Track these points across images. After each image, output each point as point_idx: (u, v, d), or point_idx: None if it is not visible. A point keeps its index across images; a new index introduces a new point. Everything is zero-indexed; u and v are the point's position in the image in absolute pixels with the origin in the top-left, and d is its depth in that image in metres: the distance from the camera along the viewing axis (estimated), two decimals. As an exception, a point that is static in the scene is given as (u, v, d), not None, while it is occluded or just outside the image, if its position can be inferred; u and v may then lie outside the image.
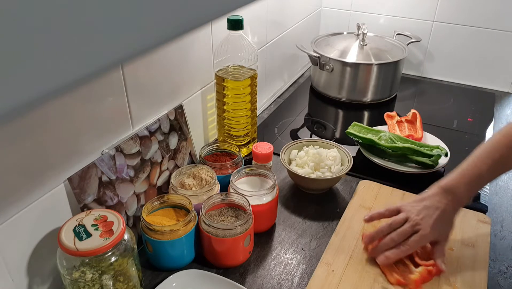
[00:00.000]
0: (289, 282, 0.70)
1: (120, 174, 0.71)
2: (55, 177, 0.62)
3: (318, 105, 1.33)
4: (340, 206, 0.88)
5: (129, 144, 0.73)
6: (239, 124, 0.95)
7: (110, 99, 0.69)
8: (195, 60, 0.89)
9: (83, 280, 0.57)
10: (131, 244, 0.62)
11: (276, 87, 1.36)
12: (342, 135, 1.14)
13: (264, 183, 0.82)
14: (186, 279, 0.68)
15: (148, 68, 0.76)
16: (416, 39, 1.39)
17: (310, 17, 1.48)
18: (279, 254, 0.76)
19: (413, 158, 0.95)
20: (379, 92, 1.29)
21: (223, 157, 0.90)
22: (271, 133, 1.14)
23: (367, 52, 1.28)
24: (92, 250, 0.56)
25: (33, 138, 0.57)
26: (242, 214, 0.74)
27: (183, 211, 0.74)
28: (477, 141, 1.11)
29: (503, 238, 0.80)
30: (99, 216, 0.61)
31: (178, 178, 0.80)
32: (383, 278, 0.70)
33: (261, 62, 1.18)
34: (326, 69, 1.28)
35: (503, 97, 1.37)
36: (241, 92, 0.91)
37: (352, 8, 1.52)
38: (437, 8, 1.39)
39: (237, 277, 0.71)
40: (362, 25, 1.31)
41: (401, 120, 1.13)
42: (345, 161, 0.91)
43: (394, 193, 0.89)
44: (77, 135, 0.64)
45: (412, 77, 1.51)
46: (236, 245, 0.70)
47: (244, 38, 0.88)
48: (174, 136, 0.84)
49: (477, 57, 1.40)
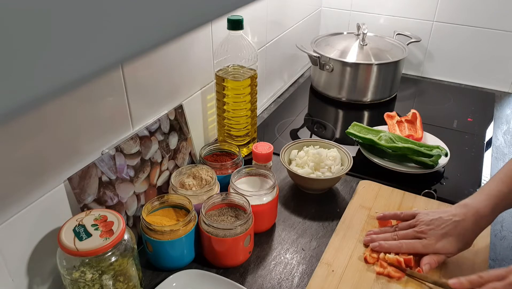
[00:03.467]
0: (289, 282, 0.70)
1: (120, 174, 0.71)
2: (55, 177, 0.62)
3: (318, 105, 1.33)
4: (340, 206, 0.88)
5: (129, 144, 0.73)
6: (239, 124, 0.95)
7: (110, 99, 0.69)
8: (195, 60, 0.89)
9: (83, 280, 0.57)
10: (131, 244, 0.62)
11: (276, 87, 1.36)
12: (342, 135, 1.14)
13: (264, 183, 0.82)
14: (186, 279, 0.68)
15: (148, 68, 0.76)
16: (416, 39, 1.39)
17: (310, 17, 1.48)
18: (279, 254, 0.76)
19: (413, 157, 0.95)
20: (379, 92, 1.29)
21: (223, 157, 0.90)
22: (271, 133, 1.14)
23: (367, 52, 1.28)
24: (92, 250, 0.56)
25: (33, 138, 0.57)
26: (242, 214, 0.74)
27: (183, 211, 0.74)
28: (477, 141, 1.11)
29: (503, 238, 0.80)
30: (99, 216, 0.61)
31: (178, 178, 0.80)
32: (383, 278, 0.70)
33: (261, 62, 1.18)
34: (326, 69, 1.28)
35: (503, 97, 1.37)
36: (241, 92, 0.91)
37: (352, 8, 1.52)
38: (437, 8, 1.39)
39: (237, 277, 0.71)
40: (362, 25, 1.31)
41: (401, 120, 1.13)
42: (345, 161, 0.91)
43: (394, 193, 0.89)
44: (77, 135, 0.64)
45: (412, 77, 1.51)
46: (236, 245, 0.70)
47: (244, 38, 0.88)
48: (174, 136, 0.84)
49: (477, 57, 1.40)
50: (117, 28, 0.20)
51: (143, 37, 0.22)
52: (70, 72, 0.19)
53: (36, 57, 0.17)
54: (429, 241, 0.70)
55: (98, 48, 0.19)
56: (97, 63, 0.20)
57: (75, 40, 0.18)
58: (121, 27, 0.20)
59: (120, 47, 0.21)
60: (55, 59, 0.18)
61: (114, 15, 0.20)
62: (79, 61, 0.19)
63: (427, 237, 0.70)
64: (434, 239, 0.70)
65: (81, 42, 0.19)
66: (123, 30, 0.20)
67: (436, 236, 0.70)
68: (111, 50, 0.20)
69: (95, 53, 0.19)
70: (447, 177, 0.96)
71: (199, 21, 0.26)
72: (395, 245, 0.72)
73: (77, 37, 0.18)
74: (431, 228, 0.71)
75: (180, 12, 0.24)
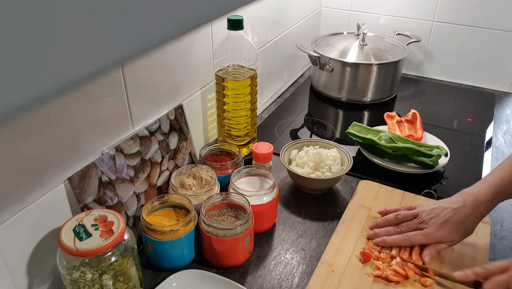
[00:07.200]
0: (289, 282, 0.70)
1: (120, 174, 0.71)
2: (55, 177, 0.62)
3: (318, 105, 1.33)
4: (340, 206, 0.88)
5: (129, 144, 0.73)
6: (239, 124, 0.95)
7: (110, 99, 0.69)
8: (195, 60, 0.89)
9: (83, 280, 0.57)
10: (131, 244, 0.62)
11: (276, 87, 1.36)
12: (342, 135, 1.14)
13: (264, 183, 0.82)
14: (186, 279, 0.68)
15: (148, 68, 0.76)
16: (416, 39, 1.39)
17: (310, 17, 1.48)
18: (279, 254, 0.76)
19: (413, 157, 0.95)
20: (379, 92, 1.29)
21: (223, 157, 0.90)
22: (271, 133, 1.14)
23: (367, 52, 1.28)
24: (92, 250, 0.56)
25: (33, 138, 0.57)
26: (242, 214, 0.74)
27: (183, 211, 0.74)
28: (477, 141, 1.11)
29: (503, 238, 0.80)
30: (99, 216, 0.61)
31: (178, 178, 0.80)
32: (383, 279, 0.70)
33: (261, 62, 1.18)
34: (326, 69, 1.28)
35: (503, 97, 1.37)
36: (241, 92, 0.91)
37: (352, 8, 1.52)
38: (437, 8, 1.39)
39: (237, 277, 0.71)
40: (362, 25, 1.31)
41: (401, 120, 1.13)
42: (345, 161, 0.91)
43: (394, 193, 0.89)
44: (77, 135, 0.64)
45: (412, 77, 1.51)
46: (236, 245, 0.70)
47: (244, 38, 0.88)
48: (174, 136, 0.84)
49: (477, 57, 1.40)
50: (117, 28, 0.20)
51: (143, 37, 0.22)
52: (70, 72, 0.19)
53: (36, 57, 0.17)
54: (430, 230, 0.70)
55: (98, 48, 0.19)
56: (97, 63, 0.20)
57: (75, 40, 0.18)
58: (121, 27, 0.20)
59: (120, 47, 0.21)
60: (55, 59, 0.18)
61: (114, 15, 0.20)
62: (79, 61, 0.19)
63: (428, 226, 0.71)
64: (435, 227, 0.70)
65: (81, 42, 0.19)
66: (123, 30, 0.20)
67: (437, 224, 0.70)
68: (111, 50, 0.20)
69: (95, 53, 0.19)
70: (447, 177, 0.97)
71: (199, 21, 0.26)
72: (398, 239, 0.73)
73: (77, 37, 0.18)
74: (431, 217, 0.71)
75: (180, 12, 0.24)
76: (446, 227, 0.70)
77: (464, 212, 0.69)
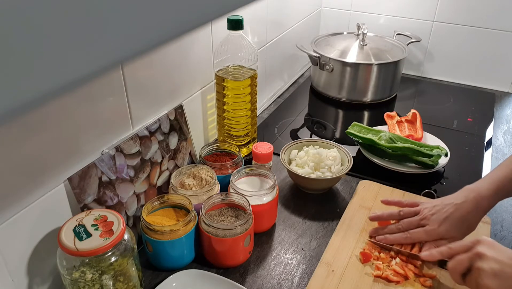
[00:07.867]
0: (289, 282, 0.70)
1: (120, 174, 0.71)
2: (55, 177, 0.62)
3: (318, 105, 1.33)
4: (340, 206, 0.88)
5: (129, 144, 0.73)
6: (239, 124, 0.95)
7: (110, 99, 0.69)
8: (195, 60, 0.89)
9: (83, 280, 0.57)
10: (131, 244, 0.62)
11: (276, 87, 1.36)
12: (342, 135, 1.14)
13: (264, 183, 0.82)
14: (186, 279, 0.68)
15: (148, 68, 0.76)
16: (416, 39, 1.39)
17: (310, 17, 1.48)
18: (279, 254, 0.76)
19: (413, 157, 0.95)
20: (379, 92, 1.29)
21: (223, 157, 0.90)
22: (271, 133, 1.14)
23: (367, 52, 1.28)
24: (92, 250, 0.56)
25: (33, 138, 0.57)
26: (242, 214, 0.74)
27: (183, 211, 0.74)
28: (477, 141, 1.11)
29: (503, 238, 0.80)
30: (99, 216, 0.61)
31: (178, 178, 0.80)
32: (383, 279, 0.70)
33: (261, 62, 1.18)
34: (326, 69, 1.28)
35: (503, 97, 1.37)
36: (241, 92, 0.91)
37: (352, 8, 1.52)
38: (437, 8, 1.39)
39: (237, 277, 0.71)
40: (362, 25, 1.31)
41: (401, 120, 1.13)
42: (345, 161, 0.91)
43: (394, 193, 0.89)
44: (77, 135, 0.64)
45: (412, 77, 1.51)
46: (236, 245, 0.70)
47: (244, 38, 0.88)
48: (174, 136, 0.84)
49: (477, 57, 1.40)
50: (117, 28, 0.20)
51: (143, 37, 0.22)
52: (70, 72, 0.19)
53: (36, 56, 0.17)
54: (432, 226, 0.70)
55: (98, 48, 0.19)
56: (97, 63, 0.20)
57: (75, 40, 0.18)
58: (121, 27, 0.20)
59: (120, 47, 0.21)
60: (55, 59, 0.18)
61: (114, 15, 0.20)
62: (79, 61, 0.19)
63: (430, 223, 0.71)
64: (437, 223, 0.70)
65: (81, 42, 0.19)
66: (123, 30, 0.20)
67: (438, 220, 0.70)
68: (111, 50, 0.20)
69: (95, 53, 0.19)
70: (447, 177, 0.97)
71: (199, 21, 0.26)
72: (400, 237, 0.73)
73: (77, 37, 0.18)
74: (433, 213, 0.71)
75: (180, 12, 0.24)
76: (447, 223, 0.69)
77: (466, 207, 0.69)
